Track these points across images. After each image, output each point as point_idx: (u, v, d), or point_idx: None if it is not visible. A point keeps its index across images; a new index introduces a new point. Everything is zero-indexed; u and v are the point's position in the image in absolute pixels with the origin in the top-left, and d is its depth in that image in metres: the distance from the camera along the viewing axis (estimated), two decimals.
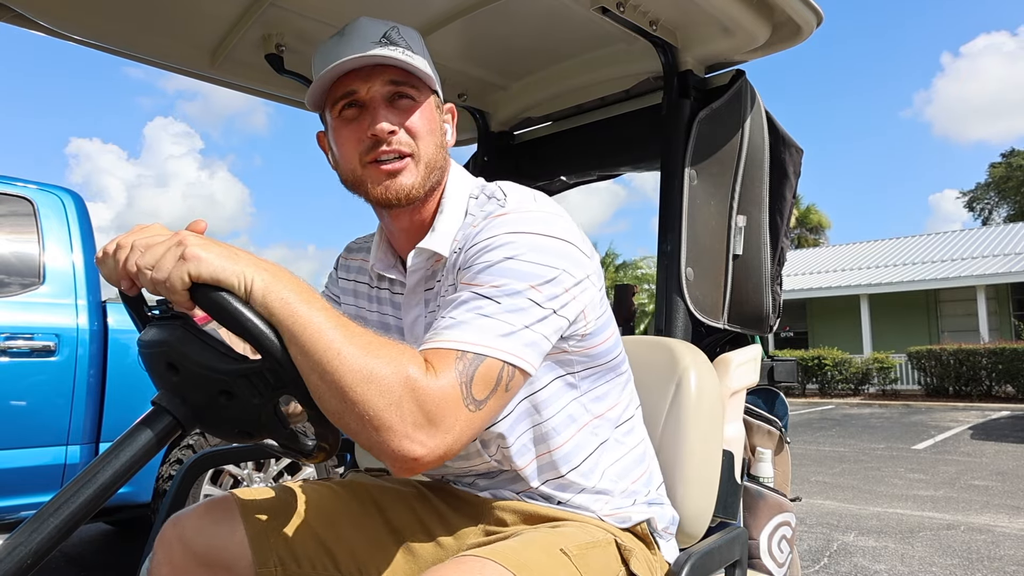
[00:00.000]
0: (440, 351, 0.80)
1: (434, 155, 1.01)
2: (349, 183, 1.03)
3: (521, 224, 0.92)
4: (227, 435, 0.94)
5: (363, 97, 0.98)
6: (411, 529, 1.09)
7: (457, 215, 1.03)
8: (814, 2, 1.50)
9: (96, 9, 1.52)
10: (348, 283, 1.22)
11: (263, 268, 0.77)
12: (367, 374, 0.74)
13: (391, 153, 0.98)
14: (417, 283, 1.06)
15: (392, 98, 0.99)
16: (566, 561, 0.84)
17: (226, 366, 0.85)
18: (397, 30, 1.00)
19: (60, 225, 3.20)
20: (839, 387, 16.06)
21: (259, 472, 3.55)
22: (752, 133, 1.68)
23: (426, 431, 0.76)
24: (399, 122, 0.98)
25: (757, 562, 1.59)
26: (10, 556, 0.74)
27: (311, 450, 0.96)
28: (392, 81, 0.98)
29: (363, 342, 0.77)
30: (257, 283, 0.75)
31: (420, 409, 0.75)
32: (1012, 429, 9.44)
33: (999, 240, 19.77)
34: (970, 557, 3.65)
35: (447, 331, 0.82)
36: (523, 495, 1.05)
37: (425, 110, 1.01)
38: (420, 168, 0.99)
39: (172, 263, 0.73)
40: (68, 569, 3.58)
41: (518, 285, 0.86)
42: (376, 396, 0.74)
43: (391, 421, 0.74)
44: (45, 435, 2.96)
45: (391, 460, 0.77)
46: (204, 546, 1.00)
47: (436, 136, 1.03)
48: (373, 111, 0.98)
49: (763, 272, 1.69)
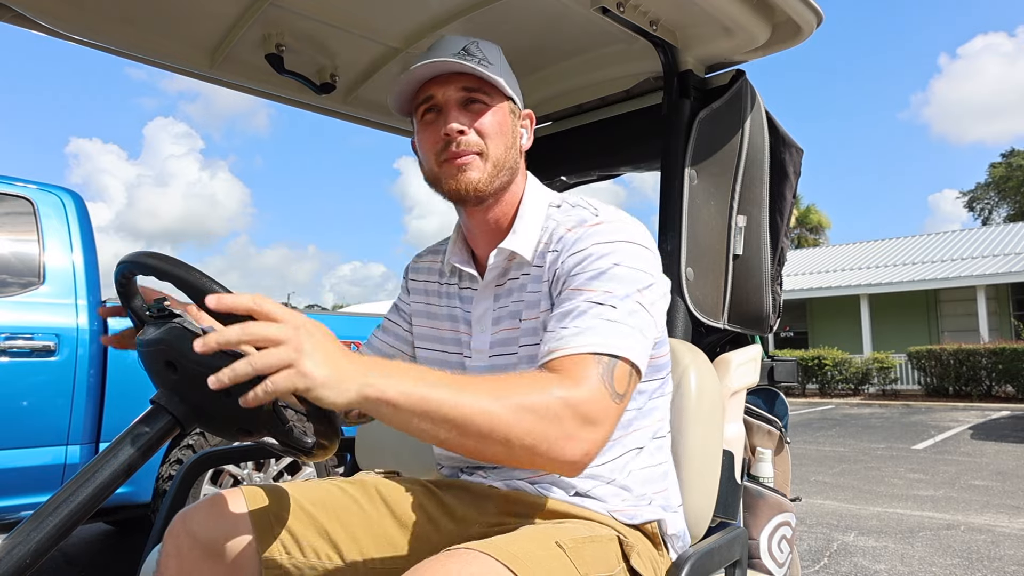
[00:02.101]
0: (577, 356, 0.88)
1: (503, 155, 1.09)
2: (429, 181, 1.13)
3: (620, 234, 1.01)
4: (226, 433, 0.95)
5: (439, 101, 1.08)
6: (417, 521, 1.11)
7: (537, 220, 1.12)
8: (814, 2, 1.50)
9: (96, 9, 1.52)
10: (419, 283, 1.30)
11: (372, 373, 0.74)
12: (521, 415, 0.79)
13: (463, 152, 1.06)
14: (491, 280, 1.14)
15: (465, 102, 1.08)
16: (560, 553, 0.84)
17: (224, 363, 0.86)
18: (476, 44, 1.10)
19: (60, 225, 3.20)
20: (839, 387, 16.06)
21: (259, 472, 3.55)
22: (752, 133, 1.68)
23: (587, 430, 0.83)
24: (469, 123, 1.07)
25: (757, 562, 1.59)
26: (9, 555, 0.74)
27: (310, 448, 0.96)
28: (465, 88, 1.08)
29: (497, 390, 0.80)
30: (371, 392, 0.74)
31: (578, 416, 0.82)
32: (1012, 429, 9.45)
33: (999, 240, 19.77)
34: (970, 557, 3.65)
35: (578, 338, 0.89)
36: (538, 485, 1.06)
37: (496, 113, 1.09)
38: (487, 165, 1.07)
39: (285, 379, 0.70)
40: (68, 569, 3.58)
41: (627, 289, 0.94)
42: (539, 428, 0.80)
43: (558, 439, 0.81)
44: (45, 435, 2.96)
45: (562, 467, 0.83)
46: (210, 538, 1.01)
47: (506, 138, 1.10)
48: (447, 113, 1.07)
49: (763, 272, 1.69)
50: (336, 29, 1.67)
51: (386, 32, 1.71)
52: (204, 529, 1.01)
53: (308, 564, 1.04)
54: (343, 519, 1.08)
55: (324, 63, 1.82)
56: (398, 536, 1.10)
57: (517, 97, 1.15)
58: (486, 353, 1.13)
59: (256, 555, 1.02)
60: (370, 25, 1.67)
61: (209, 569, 1.01)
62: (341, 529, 1.07)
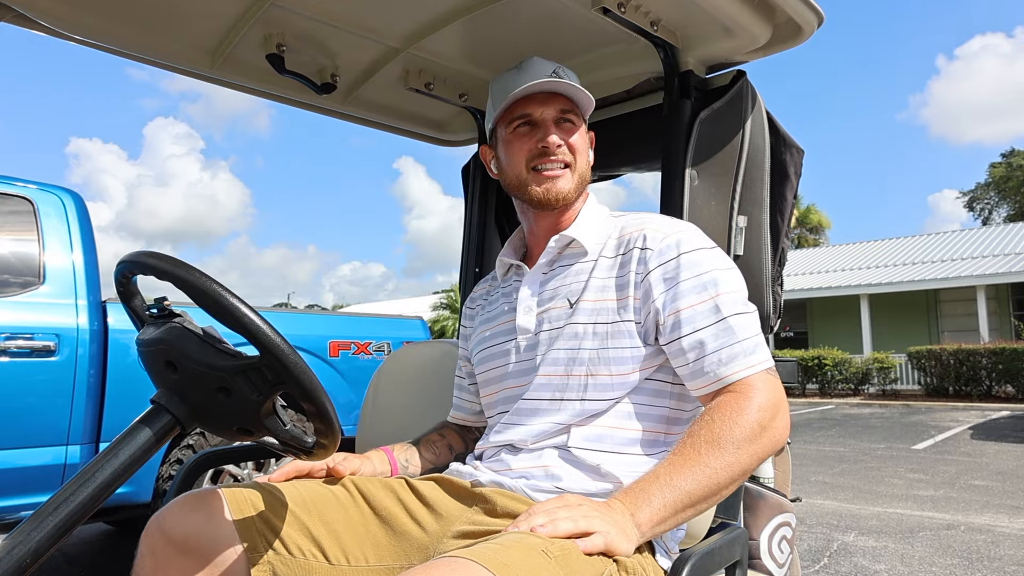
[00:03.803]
0: (749, 378, 1.05)
1: (585, 169, 1.27)
2: (512, 185, 1.28)
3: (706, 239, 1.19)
4: (226, 433, 0.94)
5: (536, 118, 1.23)
6: (397, 514, 1.12)
7: (598, 220, 1.27)
8: (815, 2, 1.50)
9: (97, 9, 1.52)
10: (473, 310, 1.46)
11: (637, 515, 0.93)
12: (744, 449, 0.98)
13: (556, 163, 1.22)
14: (542, 264, 1.27)
15: (559, 121, 1.24)
16: (547, 562, 0.84)
17: (224, 363, 0.85)
18: (563, 69, 1.26)
19: (60, 225, 3.20)
20: (839, 387, 16.06)
21: (259, 472, 3.55)
22: (753, 134, 1.68)
23: (780, 419, 1.04)
24: (564, 139, 1.23)
25: (757, 562, 1.59)
26: (9, 555, 0.74)
27: (310, 448, 0.96)
28: (561, 108, 1.24)
29: (714, 442, 0.98)
30: (646, 529, 0.93)
31: (771, 415, 1.02)
32: (1012, 429, 9.45)
33: (999, 240, 19.77)
34: (970, 557, 3.65)
35: (750, 356, 1.06)
36: (523, 481, 1.10)
37: (582, 133, 1.27)
38: (575, 177, 1.24)
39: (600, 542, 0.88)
40: (68, 569, 3.58)
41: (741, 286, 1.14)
42: (758, 446, 1.00)
43: (772, 441, 1.02)
44: (45, 435, 2.96)
45: (786, 434, 1.06)
46: (184, 535, 1.01)
47: (586, 155, 1.29)
48: (545, 128, 1.23)
49: (764, 273, 1.69)
50: (337, 29, 1.66)
51: (386, 32, 1.71)
52: (177, 526, 1.01)
53: (295, 561, 1.04)
54: (326, 518, 1.09)
55: (325, 63, 1.81)
56: (380, 534, 1.10)
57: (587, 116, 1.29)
58: (532, 330, 1.22)
59: (238, 551, 1.02)
60: (371, 25, 1.67)
61: (187, 565, 1.00)
62: (323, 527, 1.08)
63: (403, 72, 1.88)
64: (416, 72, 1.88)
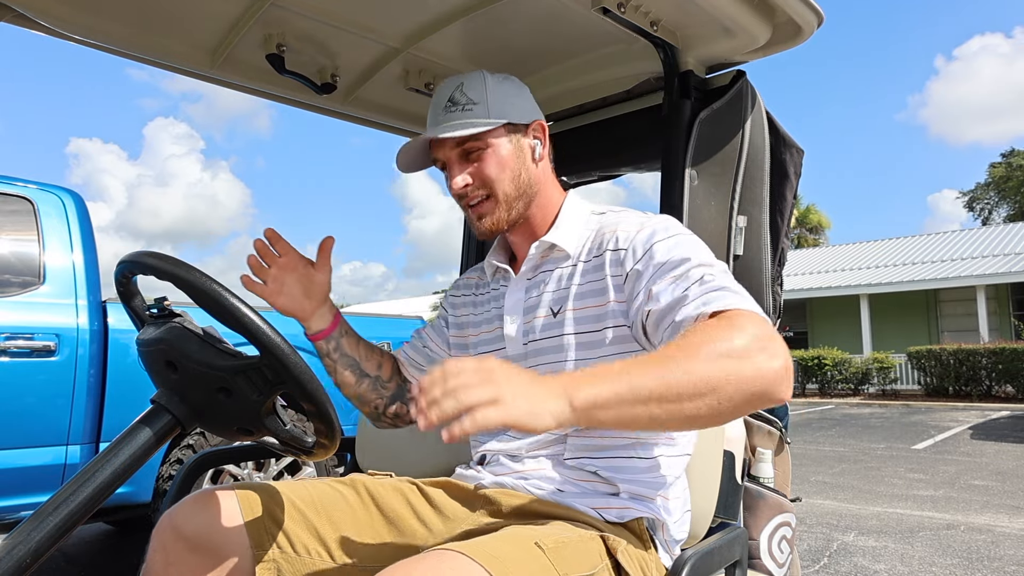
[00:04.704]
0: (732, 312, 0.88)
1: (511, 188, 1.16)
2: None
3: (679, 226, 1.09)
4: (227, 433, 0.94)
5: (443, 161, 1.17)
6: (404, 516, 1.12)
7: (580, 219, 1.20)
8: (815, 3, 1.50)
9: (97, 9, 1.52)
10: (458, 298, 1.38)
11: (571, 386, 0.77)
12: (718, 363, 0.79)
13: (473, 199, 1.16)
14: (525, 272, 1.21)
15: (463, 156, 1.15)
16: (539, 554, 0.84)
17: (224, 363, 0.85)
18: (460, 88, 1.14)
19: (60, 225, 3.20)
20: (839, 387, 16.06)
21: (259, 472, 3.55)
22: (753, 133, 1.68)
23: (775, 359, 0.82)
24: (473, 173, 1.14)
25: (757, 562, 1.59)
26: (9, 555, 0.74)
27: (311, 447, 0.96)
28: (457, 143, 1.14)
29: (687, 348, 0.81)
30: (581, 403, 0.77)
31: (768, 344, 0.82)
32: (1012, 429, 9.44)
33: (999, 240, 19.76)
34: (970, 557, 3.65)
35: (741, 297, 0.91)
36: (525, 482, 1.09)
37: (494, 153, 1.14)
38: (500, 206, 1.15)
39: (494, 413, 0.72)
40: (68, 569, 3.58)
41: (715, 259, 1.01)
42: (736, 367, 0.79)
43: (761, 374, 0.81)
44: (45, 435, 2.96)
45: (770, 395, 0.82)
46: (195, 532, 1.01)
47: (511, 169, 1.15)
48: (450, 170, 1.16)
49: (764, 273, 1.69)
50: (337, 29, 1.66)
51: (386, 32, 1.71)
52: (189, 523, 1.02)
53: (300, 560, 1.05)
54: (333, 518, 1.09)
55: (325, 63, 1.82)
56: (387, 535, 1.11)
57: (517, 112, 1.16)
58: (519, 341, 1.18)
59: (246, 550, 1.03)
60: (370, 25, 1.67)
61: (197, 562, 1.01)
62: (331, 527, 1.08)
63: (403, 72, 1.88)
64: (416, 72, 1.88)
